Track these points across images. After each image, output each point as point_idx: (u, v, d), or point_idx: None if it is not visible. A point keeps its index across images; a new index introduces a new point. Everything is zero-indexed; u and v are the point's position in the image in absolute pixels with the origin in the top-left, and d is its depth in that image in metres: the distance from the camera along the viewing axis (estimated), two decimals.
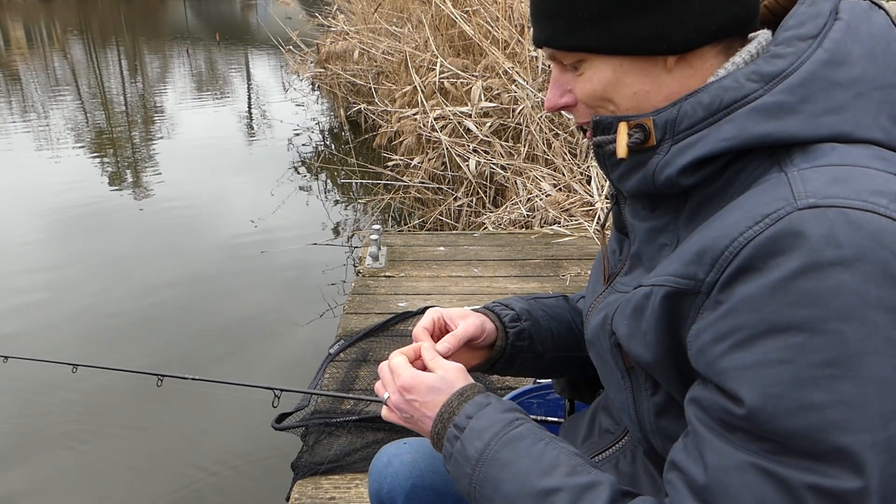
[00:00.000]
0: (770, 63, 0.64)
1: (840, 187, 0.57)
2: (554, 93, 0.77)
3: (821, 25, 0.64)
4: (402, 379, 0.84)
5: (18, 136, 8.01)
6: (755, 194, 0.62)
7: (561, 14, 0.70)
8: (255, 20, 22.55)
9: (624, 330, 0.74)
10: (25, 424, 2.92)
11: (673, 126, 0.67)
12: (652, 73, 0.70)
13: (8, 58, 14.78)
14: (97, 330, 3.70)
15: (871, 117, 0.63)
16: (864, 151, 0.62)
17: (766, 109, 0.63)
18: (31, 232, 5.12)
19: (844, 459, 0.55)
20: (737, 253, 0.59)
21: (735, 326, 0.59)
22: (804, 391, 0.55)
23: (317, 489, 1.92)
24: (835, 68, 0.63)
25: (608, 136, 0.72)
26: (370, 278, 3.33)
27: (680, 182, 0.68)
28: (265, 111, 9.87)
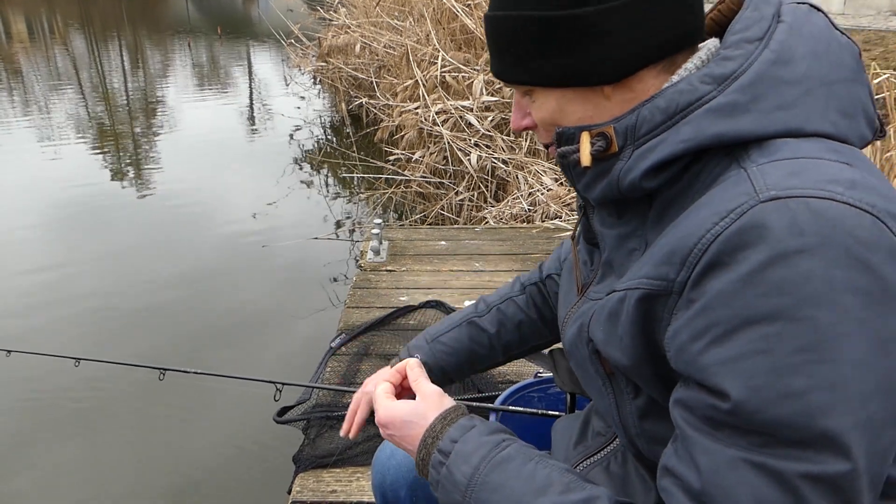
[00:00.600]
0: (721, 65, 0.67)
1: (798, 179, 0.60)
2: (516, 115, 0.82)
3: (765, 28, 0.68)
4: (378, 415, 0.87)
5: (20, 129, 8.02)
6: (718, 192, 0.63)
7: (506, 51, 0.75)
8: (256, 14, 22.50)
9: (601, 336, 0.75)
10: (28, 418, 2.93)
11: (633, 132, 0.70)
12: (592, 100, 0.74)
13: (9, 51, 14.76)
14: (99, 324, 3.71)
15: (819, 112, 0.66)
16: (816, 144, 0.64)
17: (720, 109, 0.65)
18: (32, 226, 5.13)
19: (831, 443, 0.56)
20: (705, 250, 0.60)
21: (711, 322, 0.60)
22: (785, 379, 0.56)
23: (318, 482, 1.93)
24: (782, 67, 0.66)
25: (571, 147, 0.74)
26: (371, 272, 3.33)
27: (644, 185, 0.70)
28: (267, 105, 9.87)
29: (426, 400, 0.85)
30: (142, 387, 2.94)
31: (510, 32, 0.74)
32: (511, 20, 0.73)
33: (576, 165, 0.75)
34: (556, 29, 0.70)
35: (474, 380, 2.35)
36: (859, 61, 0.71)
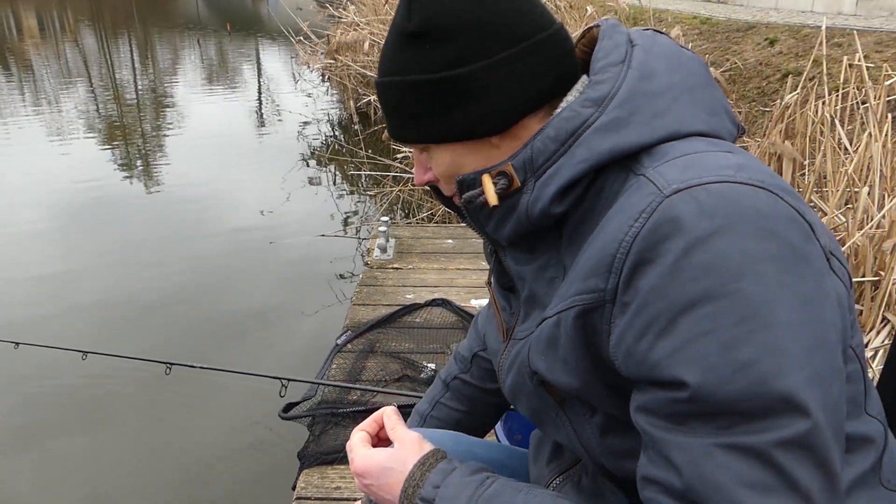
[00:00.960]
0: (596, 89, 0.72)
1: (693, 171, 0.64)
2: (418, 171, 0.86)
3: (623, 52, 0.74)
4: (355, 465, 0.87)
5: (30, 124, 8.06)
6: (625, 199, 0.67)
7: (396, 113, 0.80)
8: (266, 11, 22.54)
9: (543, 365, 0.76)
10: (35, 410, 2.95)
11: (531, 164, 0.74)
12: (482, 151, 0.78)
13: (20, 47, 14.85)
14: (106, 318, 3.73)
15: (690, 114, 0.72)
16: (697, 142, 0.70)
17: (605, 127, 0.70)
18: (41, 220, 5.16)
19: (789, 404, 0.58)
20: (627, 252, 0.64)
21: (651, 318, 0.62)
22: (733, 352, 0.59)
23: (323, 479, 1.93)
24: (648, 81, 0.72)
25: (475, 191, 0.77)
26: (378, 270, 3.34)
27: (552, 211, 0.73)
28: (275, 102, 9.88)
29: (404, 446, 0.84)
30: (148, 381, 2.95)
31: (397, 96, 0.78)
32: (396, 85, 0.77)
33: (483, 208, 0.78)
34: (437, 90, 0.75)
35: None
36: (708, 70, 0.78)
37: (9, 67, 12.29)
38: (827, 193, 3.22)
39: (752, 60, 5.71)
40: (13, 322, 3.60)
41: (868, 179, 3.01)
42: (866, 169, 3.08)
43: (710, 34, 6.78)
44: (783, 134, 3.81)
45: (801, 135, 3.69)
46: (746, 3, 9.17)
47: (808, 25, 6.17)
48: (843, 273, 0.68)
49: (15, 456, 2.69)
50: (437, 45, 0.74)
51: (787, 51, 5.59)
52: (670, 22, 7.26)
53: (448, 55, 0.74)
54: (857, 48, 3.70)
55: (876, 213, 2.79)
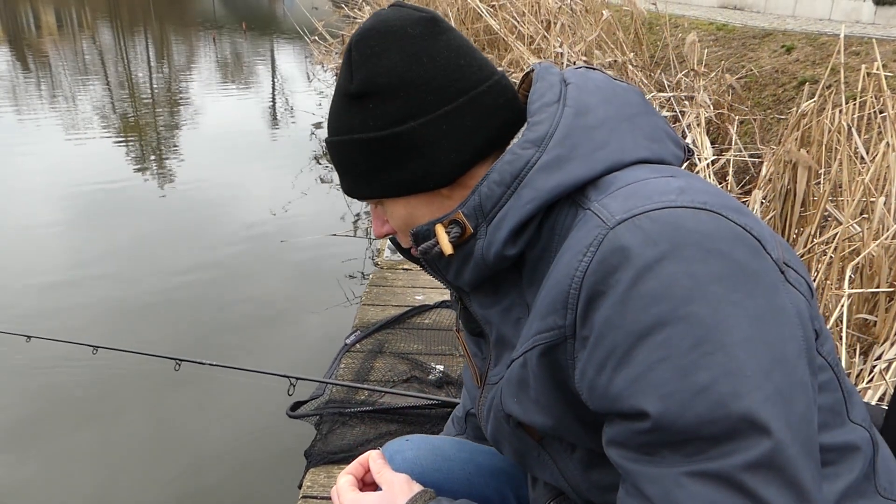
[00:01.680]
0: (534, 130, 0.73)
1: (634, 200, 0.66)
2: (376, 224, 0.88)
3: (558, 92, 0.76)
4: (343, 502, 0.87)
5: (47, 120, 8.12)
6: (573, 236, 0.68)
7: (347, 171, 0.82)
8: (281, 10, 22.63)
9: (516, 408, 0.77)
10: (44, 404, 2.96)
11: (481, 210, 0.75)
12: (435, 202, 0.80)
13: (39, 43, 14.98)
14: (117, 313, 3.75)
15: (630, 142, 0.74)
16: (639, 170, 0.71)
17: (548, 166, 0.71)
18: (54, 214, 5.20)
19: (751, 425, 0.57)
20: (580, 287, 0.65)
21: (608, 350, 0.63)
22: (690, 378, 0.59)
23: (329, 478, 1.93)
24: (584, 117, 0.73)
25: (430, 242, 0.79)
26: (388, 270, 3.34)
27: (507, 254, 0.75)
28: (289, 101, 9.92)
29: (393, 488, 0.85)
30: (157, 376, 2.96)
31: (346, 154, 0.80)
32: (345, 144, 0.79)
33: (441, 257, 0.79)
34: (383, 147, 0.77)
35: None
36: (645, 99, 0.80)
37: (27, 63, 12.40)
38: (842, 203, 3.19)
39: (768, 68, 5.67)
40: (25, 316, 3.63)
41: (885, 189, 2.98)
42: (883, 179, 3.05)
43: (727, 41, 6.75)
44: (799, 142, 3.78)
45: (818, 143, 3.66)
46: (763, 10, 9.12)
47: (826, 33, 6.13)
48: (801, 283, 0.68)
49: (24, 448, 2.71)
50: (379, 104, 0.76)
51: (803, 58, 5.56)
52: (686, 28, 7.23)
53: (391, 113, 0.76)
54: (876, 56, 3.67)
55: (892, 223, 2.76)
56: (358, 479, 0.93)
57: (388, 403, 2.20)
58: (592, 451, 0.75)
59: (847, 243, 2.84)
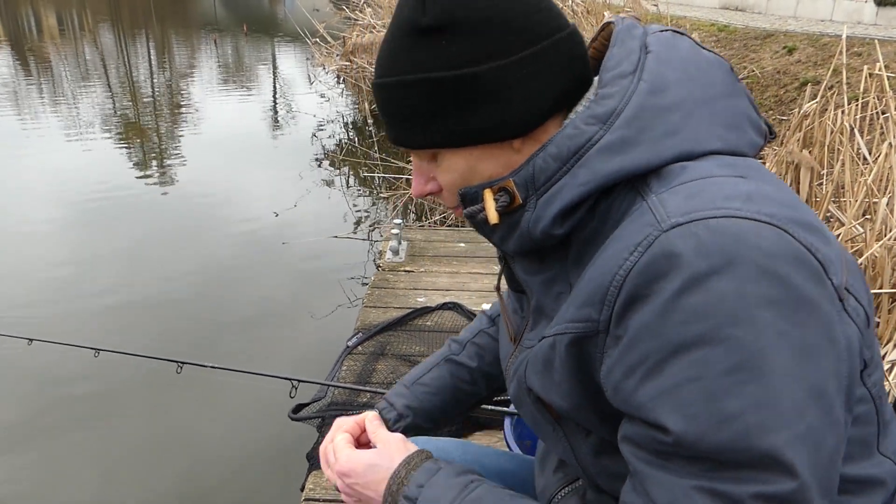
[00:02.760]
0: (601, 104, 0.67)
1: (695, 201, 0.61)
2: (418, 181, 0.81)
3: (635, 61, 0.69)
4: (339, 464, 0.86)
5: (48, 122, 8.13)
6: (624, 227, 0.64)
7: (404, 118, 0.74)
8: (282, 12, 22.64)
9: (538, 384, 0.75)
10: (46, 407, 2.96)
11: (533, 182, 0.70)
12: (502, 156, 0.73)
13: (40, 45, 15.00)
14: (119, 316, 3.74)
15: (705, 130, 0.67)
16: (709, 163, 0.66)
17: (610, 147, 0.66)
18: (56, 217, 5.20)
19: (774, 463, 0.56)
20: (620, 286, 0.61)
21: (640, 357, 0.60)
22: (718, 403, 0.56)
23: None
24: (659, 95, 0.67)
25: (476, 206, 0.75)
26: (390, 272, 3.33)
27: (554, 233, 0.70)
28: (290, 103, 9.92)
29: (389, 446, 0.85)
30: (159, 379, 2.96)
31: (404, 97, 0.73)
32: (404, 85, 0.72)
33: (485, 222, 0.75)
34: (453, 89, 0.70)
35: None
36: (732, 74, 0.73)
37: (28, 66, 12.42)
38: (845, 204, 3.18)
39: (769, 68, 5.67)
40: (27, 319, 3.63)
41: (887, 190, 2.97)
42: (885, 179, 3.05)
43: (728, 42, 6.74)
44: (801, 143, 3.77)
45: (820, 144, 3.66)
46: (765, 11, 9.12)
47: (827, 34, 6.13)
48: (859, 312, 0.63)
49: (26, 451, 2.70)
50: (454, 41, 0.69)
51: (805, 59, 5.55)
52: (688, 29, 7.22)
53: (467, 51, 0.69)
54: (878, 57, 3.66)
55: (895, 224, 2.76)
56: (354, 437, 0.92)
57: None
58: (606, 439, 0.74)
59: (850, 244, 2.83)
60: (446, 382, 1.10)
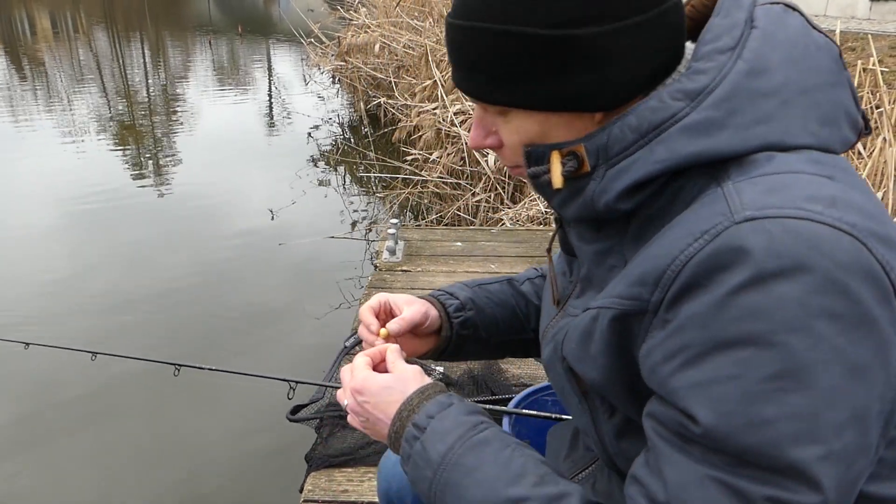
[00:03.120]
0: (693, 80, 0.63)
1: (775, 197, 0.57)
2: (478, 133, 0.76)
3: (737, 36, 0.64)
4: (355, 381, 0.84)
5: (43, 124, 8.12)
6: (693, 211, 0.61)
7: (481, 68, 0.68)
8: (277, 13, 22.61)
9: (573, 354, 0.74)
10: (43, 410, 2.96)
11: (605, 151, 0.66)
12: (578, 125, 0.69)
13: (34, 47, 14.96)
14: (116, 318, 3.74)
15: (799, 123, 0.63)
16: (797, 157, 0.61)
17: (694, 127, 0.62)
18: (51, 220, 5.19)
19: (800, 475, 0.55)
20: (679, 271, 0.59)
21: (683, 344, 0.58)
22: (755, 406, 0.55)
23: (330, 481, 1.92)
24: (757, 78, 0.62)
25: (541, 167, 0.71)
26: (387, 272, 3.33)
27: (619, 207, 0.67)
28: (286, 104, 9.91)
29: (406, 374, 0.83)
30: (156, 382, 2.96)
31: (487, 47, 0.66)
32: (492, 34, 0.65)
33: (547, 184, 0.71)
34: (550, 50, 0.64)
35: (487, 382, 2.34)
36: (839, 61, 0.68)
37: (22, 68, 12.39)
38: None
39: None
40: (23, 322, 3.62)
41: (882, 184, 2.98)
42: (880, 174, 3.06)
43: None
44: None
45: None
46: None
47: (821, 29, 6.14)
48: None
49: (24, 455, 2.70)
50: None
51: None
52: None
53: (570, 10, 0.62)
54: (872, 52, 3.68)
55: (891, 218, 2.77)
56: (374, 362, 0.89)
57: None
58: (631, 420, 0.73)
59: None
60: (508, 299, 1.06)
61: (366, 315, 0.94)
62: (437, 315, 0.99)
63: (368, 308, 0.95)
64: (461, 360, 1.05)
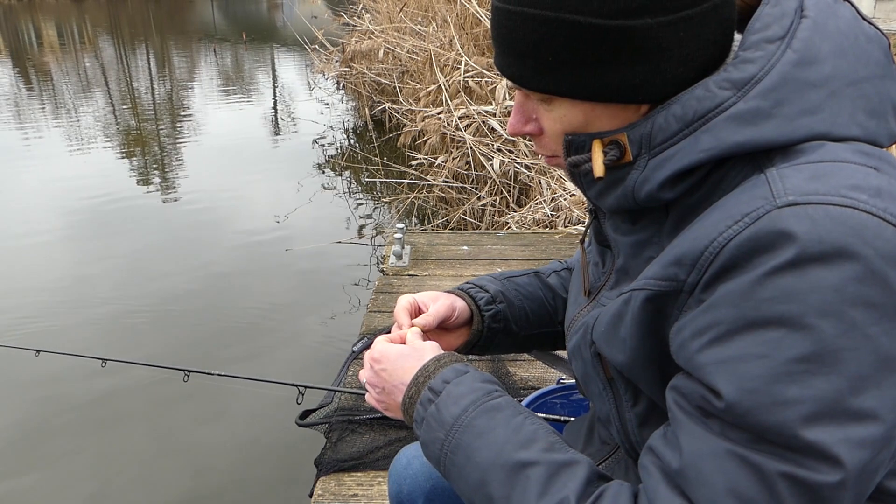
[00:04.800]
0: (740, 69, 0.63)
1: (819, 183, 0.57)
2: (517, 119, 0.75)
3: (787, 26, 0.63)
4: (374, 350, 0.86)
5: (50, 133, 8.16)
6: (734, 195, 0.61)
7: (529, 55, 0.67)
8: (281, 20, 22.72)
9: (602, 337, 0.74)
10: (54, 416, 2.97)
11: (648, 140, 0.66)
12: (622, 116, 0.69)
13: (41, 57, 15.06)
14: (125, 325, 3.76)
15: (847, 115, 0.62)
16: (844, 147, 0.61)
17: (741, 117, 0.62)
18: (60, 228, 5.22)
19: (818, 453, 0.54)
20: (717, 253, 0.59)
21: (713, 321, 0.59)
22: (779, 386, 0.55)
23: (340, 486, 1.93)
24: (806, 68, 0.62)
25: (583, 156, 0.70)
26: (394, 277, 3.34)
27: (661, 197, 0.67)
28: (291, 110, 9.94)
29: (424, 346, 0.85)
30: (166, 388, 2.97)
31: (541, 34, 0.65)
32: (543, 21, 0.64)
33: (587, 174, 0.71)
34: (603, 40, 0.63)
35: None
36: (889, 54, 0.67)
37: (29, 78, 12.48)
38: None
39: None
40: (34, 330, 3.65)
41: None
42: None
43: None
44: None
45: None
46: None
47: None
48: None
49: (35, 462, 2.71)
50: None
51: None
52: None
53: (628, 1, 0.62)
54: None
55: None
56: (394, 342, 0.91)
57: None
58: (654, 408, 0.73)
59: None
60: (537, 291, 1.07)
61: (400, 315, 0.95)
62: (464, 307, 1.00)
63: (403, 309, 0.96)
64: (491, 353, 1.06)
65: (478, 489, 0.72)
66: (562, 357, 1.26)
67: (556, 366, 1.39)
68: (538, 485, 0.67)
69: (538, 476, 0.68)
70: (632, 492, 0.65)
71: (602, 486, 0.67)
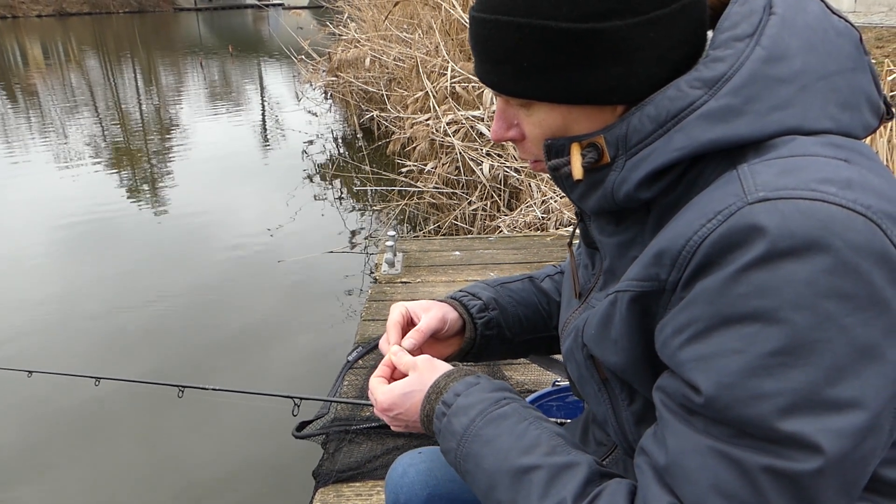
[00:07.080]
0: (710, 68, 0.64)
1: (789, 178, 0.58)
2: (500, 125, 0.77)
3: (755, 23, 0.65)
4: (379, 403, 0.87)
5: (37, 150, 8.13)
6: (707, 193, 0.62)
7: (507, 61, 0.69)
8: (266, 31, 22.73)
9: (593, 339, 0.75)
10: (49, 437, 2.95)
11: (625, 141, 0.67)
12: (600, 118, 0.70)
13: (26, 76, 15.01)
14: (117, 342, 3.74)
15: (818, 108, 0.63)
16: (814, 140, 0.62)
17: (713, 115, 0.63)
18: (49, 245, 5.19)
19: (797, 443, 0.55)
20: (694, 250, 0.60)
21: (691, 319, 0.60)
22: (756, 380, 0.56)
23: (338, 497, 1.92)
24: (775, 65, 0.63)
25: (562, 159, 0.72)
26: (387, 284, 3.33)
27: (639, 196, 0.68)
28: (279, 121, 9.94)
29: (418, 369, 0.86)
30: (161, 403, 2.96)
31: (515, 41, 0.67)
32: (517, 27, 0.66)
33: (567, 177, 0.73)
34: (574, 43, 0.65)
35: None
36: (860, 46, 0.68)
37: (15, 96, 12.43)
38: None
39: None
40: (25, 350, 3.62)
41: None
42: None
43: None
44: None
45: None
46: None
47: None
48: None
49: (31, 482, 2.69)
50: None
51: None
52: None
53: (596, 4, 0.64)
54: None
55: None
56: (387, 379, 0.91)
57: None
58: (649, 406, 0.73)
59: None
60: (531, 297, 1.08)
61: (391, 331, 0.96)
62: (456, 318, 1.00)
63: (395, 324, 0.96)
64: (486, 360, 1.07)
65: (488, 494, 0.75)
66: (557, 360, 1.25)
67: (551, 368, 1.39)
68: (539, 488, 0.70)
69: (539, 479, 0.70)
70: (629, 489, 0.66)
71: (602, 484, 0.68)
